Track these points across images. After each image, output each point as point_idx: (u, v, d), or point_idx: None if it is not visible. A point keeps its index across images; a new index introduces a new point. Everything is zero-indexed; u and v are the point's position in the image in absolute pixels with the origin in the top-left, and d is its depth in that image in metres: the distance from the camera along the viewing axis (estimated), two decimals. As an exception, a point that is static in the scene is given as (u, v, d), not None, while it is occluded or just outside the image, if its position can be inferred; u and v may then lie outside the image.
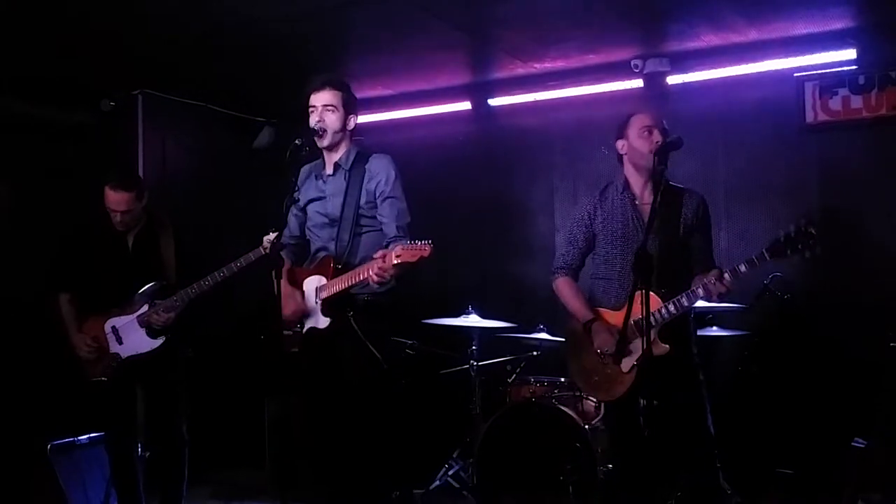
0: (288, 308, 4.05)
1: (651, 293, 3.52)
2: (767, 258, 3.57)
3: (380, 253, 3.72)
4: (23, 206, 5.88)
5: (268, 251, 4.18)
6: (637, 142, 3.99)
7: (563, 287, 4.18)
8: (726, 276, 3.66)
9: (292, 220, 4.28)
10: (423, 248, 3.59)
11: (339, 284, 3.94)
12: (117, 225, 4.70)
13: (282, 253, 4.25)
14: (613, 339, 3.88)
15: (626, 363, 3.89)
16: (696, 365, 4.00)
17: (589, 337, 4.01)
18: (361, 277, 3.83)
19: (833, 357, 5.26)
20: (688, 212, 3.97)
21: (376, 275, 3.72)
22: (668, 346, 3.75)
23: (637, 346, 3.83)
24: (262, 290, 4.37)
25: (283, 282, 4.08)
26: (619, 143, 4.08)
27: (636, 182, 4.06)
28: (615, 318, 3.93)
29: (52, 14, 4.75)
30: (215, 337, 5.73)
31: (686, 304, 3.77)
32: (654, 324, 3.69)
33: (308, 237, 4.30)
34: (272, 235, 4.13)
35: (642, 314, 3.51)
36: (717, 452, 4.03)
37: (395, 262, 3.61)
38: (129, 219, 4.69)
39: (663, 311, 3.78)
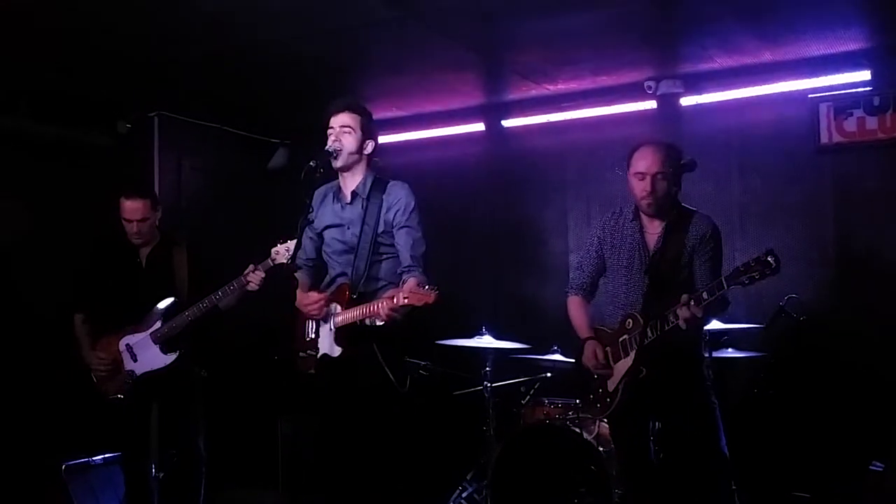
0: (305, 302, 4.10)
1: (640, 317, 3.82)
2: (725, 286, 3.60)
3: (390, 293, 3.78)
4: (39, 226, 5.92)
5: (276, 262, 4.25)
6: (632, 183, 4.01)
7: (571, 306, 4.32)
8: (691, 302, 3.66)
9: (307, 243, 4.28)
10: (429, 294, 3.67)
11: (352, 315, 3.96)
12: (133, 237, 4.74)
13: (297, 273, 4.29)
14: (598, 356, 4.01)
15: (611, 383, 4.00)
16: (706, 388, 4.01)
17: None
18: (372, 311, 3.86)
19: (850, 379, 5.22)
20: (694, 235, 3.97)
21: (386, 315, 3.78)
22: (644, 368, 3.83)
23: (622, 366, 3.94)
24: (275, 309, 4.41)
25: (299, 294, 4.17)
26: (628, 175, 4.10)
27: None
28: (609, 337, 4.05)
29: (69, 35, 4.81)
30: (229, 356, 5.73)
31: (663, 327, 3.77)
32: (634, 346, 3.85)
33: (326, 261, 4.31)
34: (280, 247, 4.23)
35: (628, 336, 3.85)
36: (732, 475, 4.02)
37: (403, 303, 3.69)
38: (144, 229, 4.73)
39: (643, 333, 3.85)
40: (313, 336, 4.13)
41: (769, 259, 3.48)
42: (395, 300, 3.71)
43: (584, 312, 4.26)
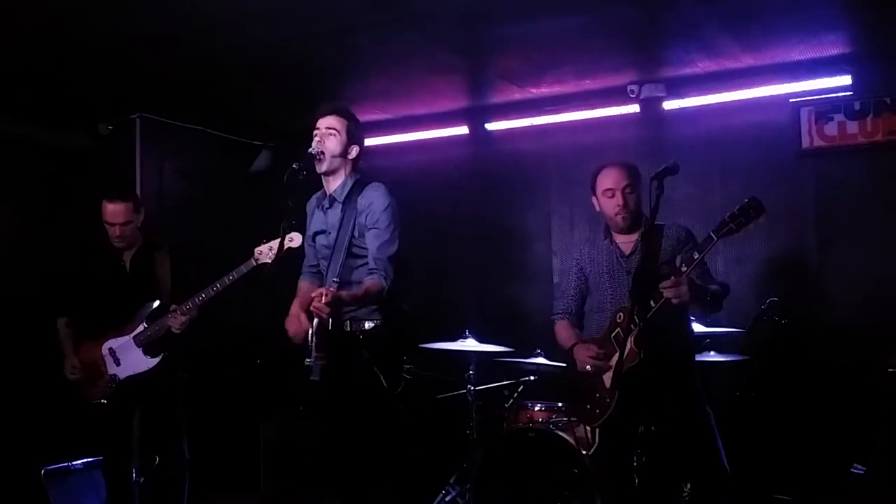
0: (292, 327, 4.05)
1: (630, 307, 3.74)
2: (715, 238, 3.60)
3: (316, 292, 3.73)
4: (22, 228, 5.89)
5: (259, 262, 4.23)
6: (603, 203, 4.08)
7: (559, 329, 4.33)
8: (683, 267, 3.68)
9: (308, 250, 4.30)
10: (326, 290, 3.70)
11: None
12: (115, 240, 4.71)
13: (303, 279, 4.30)
14: (593, 352, 3.99)
15: (607, 377, 3.96)
16: (701, 398, 3.99)
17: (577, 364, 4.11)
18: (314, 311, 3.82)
19: (831, 382, 5.24)
20: (670, 239, 4.03)
21: (320, 314, 3.75)
22: (641, 351, 3.76)
23: (615, 360, 3.88)
24: (257, 313, 4.38)
25: (296, 301, 4.13)
26: (593, 200, 4.16)
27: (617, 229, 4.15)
28: (600, 340, 4.05)
29: (52, 36, 4.77)
30: (210, 360, 5.71)
31: (653, 304, 3.75)
32: (624, 333, 3.76)
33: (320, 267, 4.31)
34: (263, 247, 4.25)
35: (620, 329, 3.81)
36: (733, 490, 3.99)
37: (326, 300, 3.66)
38: (127, 232, 4.70)
39: (637, 315, 3.80)
40: (314, 342, 4.09)
41: (751, 203, 3.52)
42: (320, 299, 3.69)
43: (572, 333, 4.26)
